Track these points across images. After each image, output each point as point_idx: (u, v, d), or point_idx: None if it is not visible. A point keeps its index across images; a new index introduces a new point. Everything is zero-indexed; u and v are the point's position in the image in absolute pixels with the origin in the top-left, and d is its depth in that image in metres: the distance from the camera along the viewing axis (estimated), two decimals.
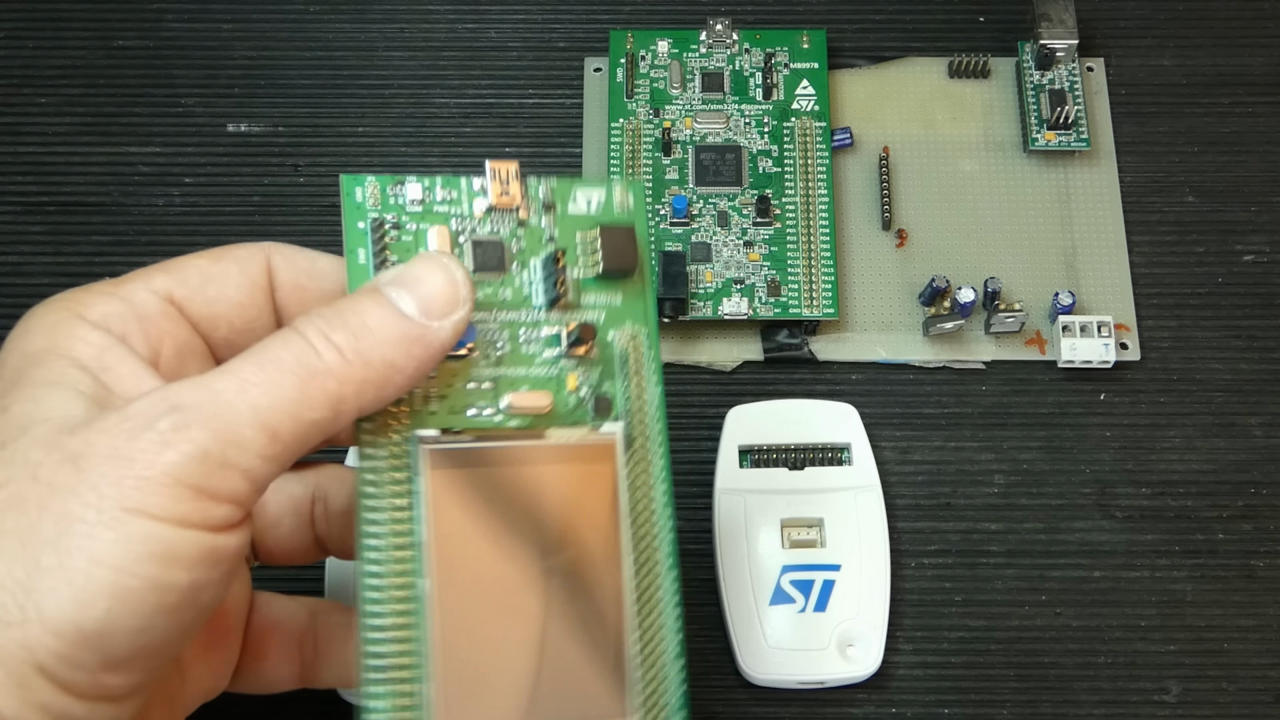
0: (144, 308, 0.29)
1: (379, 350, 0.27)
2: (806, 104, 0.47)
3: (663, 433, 0.31)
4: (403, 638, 0.28)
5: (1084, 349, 0.44)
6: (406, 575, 0.29)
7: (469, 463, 0.29)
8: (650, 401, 0.31)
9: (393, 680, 0.28)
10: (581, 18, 0.50)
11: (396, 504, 0.29)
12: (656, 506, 0.31)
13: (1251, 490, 0.43)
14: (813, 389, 0.44)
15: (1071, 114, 0.46)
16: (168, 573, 0.25)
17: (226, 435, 0.25)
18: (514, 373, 0.30)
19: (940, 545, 0.43)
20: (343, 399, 0.27)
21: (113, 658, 0.25)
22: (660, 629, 0.30)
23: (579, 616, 0.29)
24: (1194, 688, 0.41)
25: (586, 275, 0.31)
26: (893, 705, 0.41)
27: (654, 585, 0.30)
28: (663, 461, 0.31)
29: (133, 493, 0.24)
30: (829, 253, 0.44)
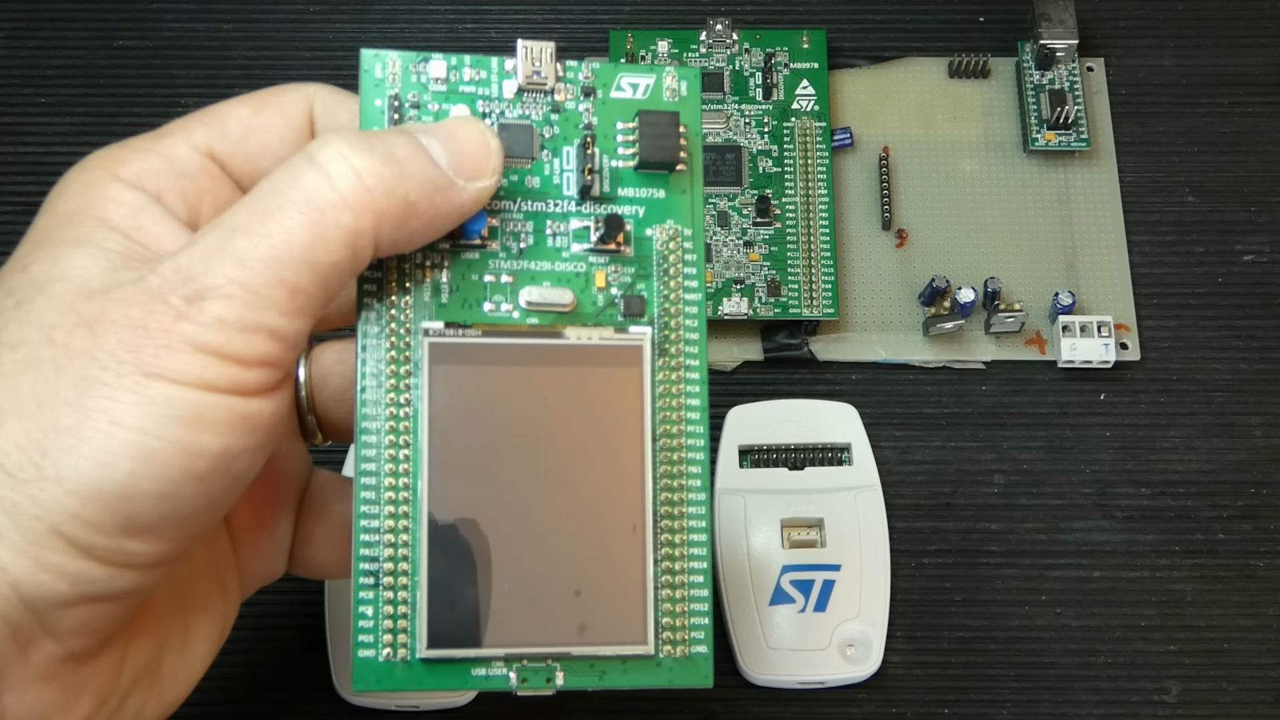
0: (183, 164, 0.27)
1: (401, 184, 0.25)
2: (806, 104, 0.47)
3: (701, 342, 0.28)
4: (394, 541, 0.27)
5: (1084, 349, 0.44)
6: (404, 476, 0.27)
7: (475, 359, 0.28)
8: (688, 306, 0.29)
9: (384, 586, 0.27)
10: (581, 18, 0.50)
11: (396, 400, 0.27)
12: (688, 422, 0.28)
13: (1251, 490, 0.43)
14: (813, 389, 0.44)
15: (1071, 114, 0.46)
16: (195, 437, 0.24)
17: (242, 299, 0.24)
18: (537, 267, 0.28)
19: (940, 545, 0.43)
20: (359, 233, 0.25)
21: (135, 522, 0.24)
22: (684, 555, 0.28)
23: (593, 534, 0.28)
24: (1194, 688, 0.41)
25: (626, 166, 0.29)
26: (893, 705, 0.41)
27: (680, 508, 0.28)
28: (699, 375, 0.28)
29: (151, 359, 0.24)
30: (829, 253, 0.44)
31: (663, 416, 0.28)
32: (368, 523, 0.27)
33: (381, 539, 0.27)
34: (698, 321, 0.29)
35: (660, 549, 0.28)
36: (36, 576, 0.24)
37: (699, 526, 0.28)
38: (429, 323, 0.28)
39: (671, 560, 0.28)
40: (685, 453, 0.28)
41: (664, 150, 0.28)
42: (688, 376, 0.28)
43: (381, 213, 0.25)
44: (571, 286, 0.28)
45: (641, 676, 0.28)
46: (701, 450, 0.28)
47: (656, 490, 0.28)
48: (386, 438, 0.27)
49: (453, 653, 0.27)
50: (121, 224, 0.26)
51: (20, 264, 0.26)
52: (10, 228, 0.46)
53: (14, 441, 0.23)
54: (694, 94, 0.29)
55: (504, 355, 0.28)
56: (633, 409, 0.28)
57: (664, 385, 0.28)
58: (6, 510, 0.23)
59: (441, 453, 0.27)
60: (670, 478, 0.28)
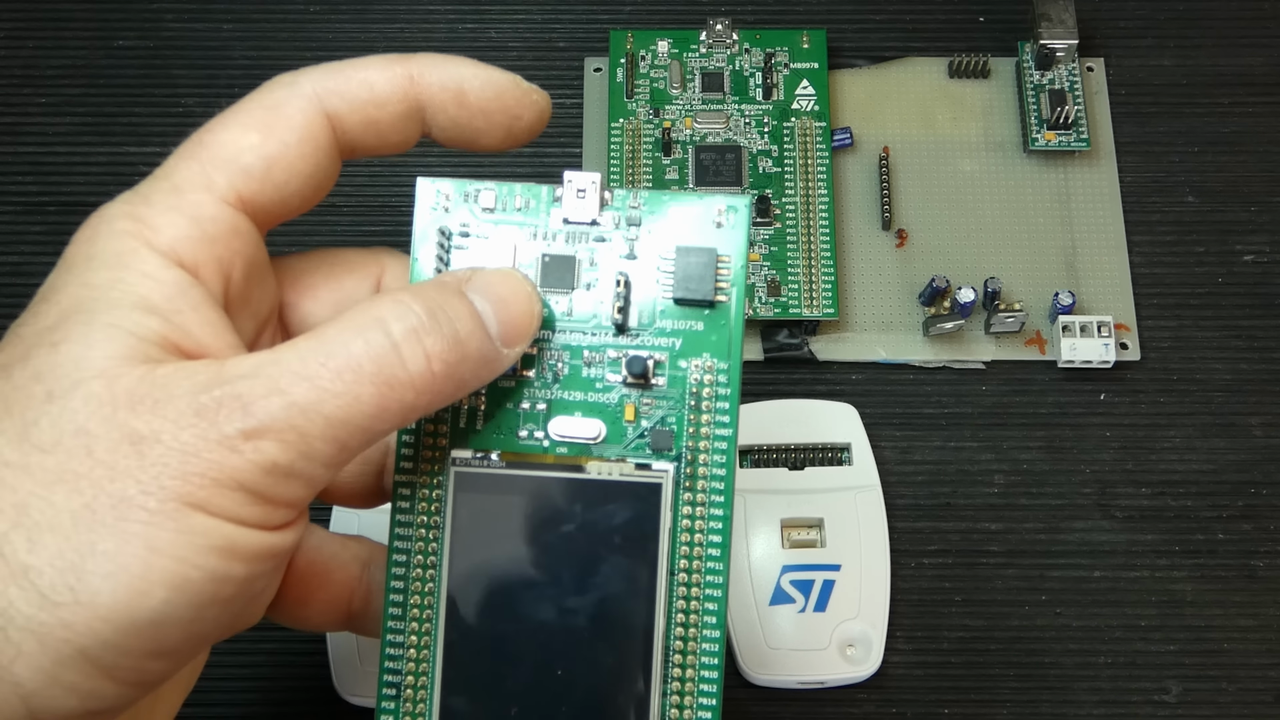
0: (214, 225, 0.27)
1: (461, 367, 0.26)
2: (806, 104, 0.47)
3: (728, 479, 0.28)
4: (416, 657, 0.28)
5: (1084, 349, 0.44)
6: (428, 596, 0.28)
7: (499, 489, 0.28)
8: (716, 443, 0.29)
9: (406, 698, 0.28)
10: (581, 18, 0.50)
11: (426, 521, 0.29)
12: (708, 558, 0.28)
13: (1251, 490, 0.43)
14: (813, 389, 0.44)
15: (1071, 114, 0.46)
16: (227, 566, 0.24)
17: (297, 447, 0.24)
18: (571, 396, 0.29)
19: (940, 545, 0.43)
20: (414, 410, 0.25)
21: (162, 647, 0.24)
22: (693, 689, 0.28)
23: (602, 665, 0.28)
24: (1194, 688, 0.41)
25: (666, 298, 0.29)
26: (893, 705, 0.41)
27: (693, 641, 0.28)
28: (722, 512, 0.28)
29: (197, 490, 0.23)
30: (829, 253, 0.44)
31: (682, 552, 0.28)
32: (394, 638, 0.29)
33: (405, 654, 0.28)
34: (726, 458, 0.28)
35: (670, 683, 0.28)
36: (51, 693, 0.23)
37: (711, 664, 0.28)
38: (459, 452, 0.28)
39: (680, 695, 0.28)
40: (703, 589, 0.28)
41: (699, 289, 0.28)
42: (711, 513, 0.28)
43: (436, 394, 0.25)
44: (603, 417, 0.29)
45: None
46: (720, 587, 0.28)
47: (670, 625, 0.28)
48: (416, 558, 0.29)
49: None
50: (160, 306, 0.25)
51: (48, 338, 0.25)
52: (10, 228, 0.47)
53: (48, 560, 0.23)
54: (742, 222, 0.29)
55: (526, 486, 0.28)
56: (650, 543, 0.28)
57: (686, 520, 0.28)
58: (34, 630, 0.23)
59: (461, 577, 0.28)
60: (685, 613, 0.28)
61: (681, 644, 0.28)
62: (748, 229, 0.29)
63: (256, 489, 0.24)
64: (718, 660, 0.28)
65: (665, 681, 0.28)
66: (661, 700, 0.28)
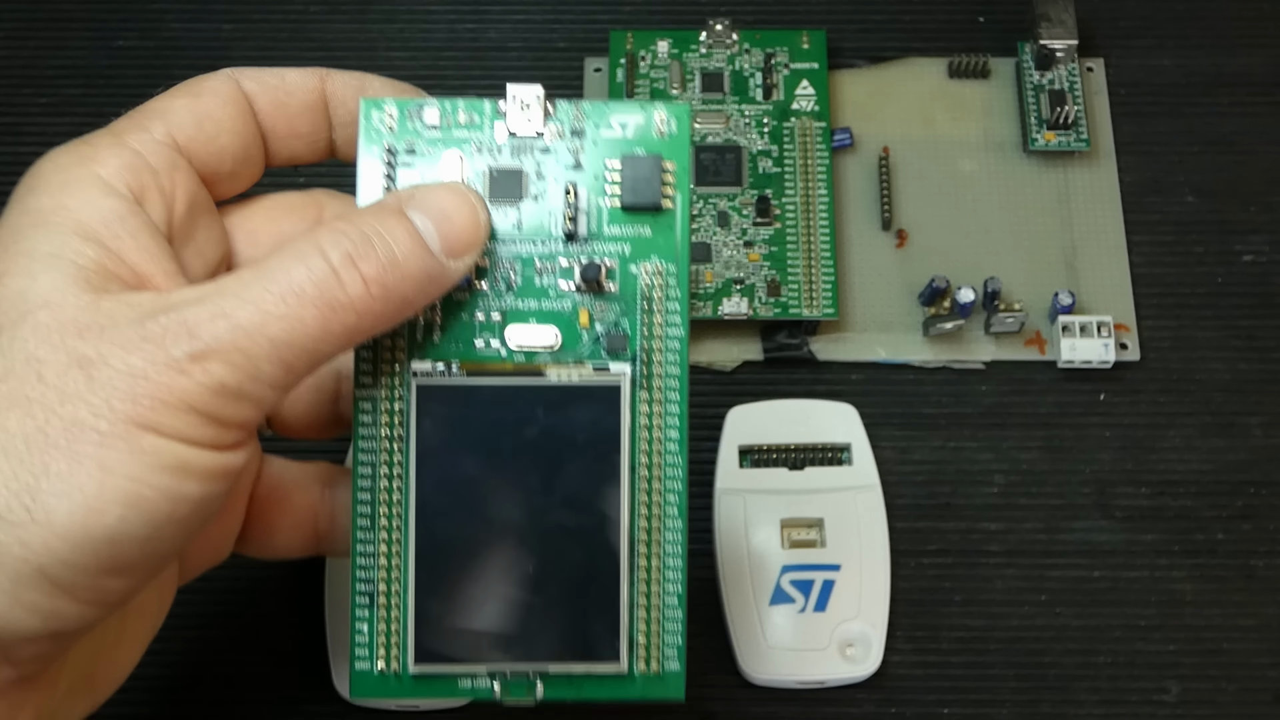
0: (154, 159, 0.28)
1: (401, 287, 0.27)
2: (806, 104, 0.47)
3: (682, 377, 0.30)
4: (388, 565, 0.29)
5: (1084, 349, 0.44)
6: (396, 506, 0.29)
7: (461, 398, 0.29)
8: (669, 343, 0.30)
9: (380, 605, 0.29)
10: (581, 18, 0.50)
11: (388, 435, 0.29)
12: (665, 453, 0.30)
13: (1251, 490, 0.43)
14: (813, 389, 0.44)
15: (1071, 114, 0.46)
16: (180, 484, 0.25)
17: (244, 369, 0.25)
18: (525, 305, 0.30)
19: (940, 545, 0.43)
20: (358, 331, 0.26)
21: (119, 564, 0.25)
22: (660, 576, 0.30)
23: (574, 557, 0.30)
24: (1194, 688, 0.41)
25: (613, 206, 0.30)
26: (893, 705, 0.41)
27: (656, 535, 0.30)
28: (679, 409, 0.30)
29: (147, 412, 0.24)
30: (829, 253, 0.44)
31: (642, 449, 0.30)
32: (364, 548, 0.30)
33: (376, 564, 0.30)
34: (679, 357, 0.30)
35: (636, 573, 0.30)
36: (12, 613, 0.24)
37: (674, 552, 0.30)
38: (418, 364, 0.29)
39: (648, 584, 0.30)
40: (664, 483, 0.30)
41: (646, 194, 0.30)
42: (668, 410, 0.30)
43: (381, 314, 0.26)
44: (558, 324, 0.30)
45: (616, 689, 0.30)
46: (679, 480, 0.30)
47: (634, 518, 0.30)
48: (381, 469, 0.30)
49: (439, 668, 0.30)
50: (99, 233, 0.26)
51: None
52: None
53: (3, 483, 0.24)
54: (683, 131, 0.30)
55: (488, 394, 0.30)
56: (612, 441, 0.30)
57: (645, 419, 0.30)
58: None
59: (428, 485, 0.29)
60: (648, 506, 0.30)
61: (646, 535, 0.30)
62: (689, 136, 0.30)
63: (205, 409, 0.25)
64: (680, 549, 0.30)
65: (633, 571, 0.30)
66: (630, 589, 0.30)
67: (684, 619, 0.30)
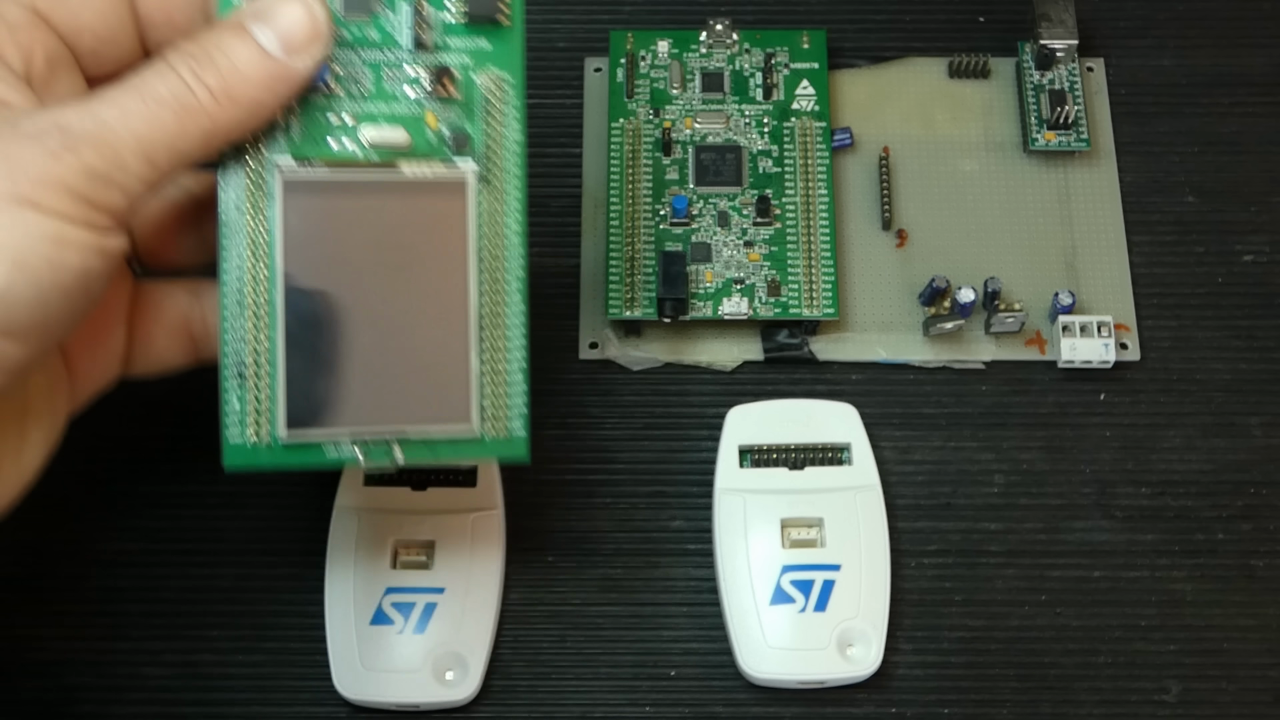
0: (12, 17, 0.31)
1: (247, 91, 0.30)
2: (806, 104, 0.47)
3: (520, 174, 0.34)
4: (256, 342, 0.33)
5: (1084, 349, 0.44)
6: (262, 285, 0.33)
7: (322, 190, 0.33)
8: (508, 143, 0.34)
9: (250, 377, 0.33)
10: (581, 18, 0.50)
11: (254, 225, 0.33)
12: (507, 241, 0.34)
13: (1251, 490, 0.43)
14: (813, 389, 0.44)
15: (1071, 114, 0.46)
16: (61, 254, 0.28)
17: (111, 158, 0.29)
18: (375, 109, 0.33)
19: (940, 545, 0.43)
20: (214, 134, 0.30)
21: (9, 326, 0.28)
22: (504, 350, 0.34)
23: (428, 333, 0.33)
24: (1194, 688, 0.41)
25: (457, 19, 0.33)
26: (893, 705, 0.41)
27: (500, 310, 0.34)
28: (518, 203, 0.34)
29: (26, 189, 0.28)
30: (829, 253, 0.44)
31: (487, 237, 0.34)
32: (232, 326, 0.33)
33: (245, 341, 0.33)
34: (519, 160, 0.34)
35: (484, 347, 0.34)
36: None
37: (517, 332, 0.34)
38: (281, 158, 0.33)
39: (494, 358, 0.34)
40: (506, 266, 0.34)
41: (486, 7, 0.33)
42: (509, 205, 0.34)
43: (233, 118, 0.30)
44: (407, 126, 0.33)
45: (468, 451, 0.34)
46: (520, 267, 0.34)
47: (481, 298, 0.34)
48: (246, 253, 0.33)
49: (307, 433, 0.33)
50: None
51: None
52: None
53: None
54: None
55: (347, 187, 0.33)
56: (459, 229, 0.33)
57: (488, 210, 0.34)
58: None
59: (294, 268, 0.33)
60: (493, 286, 0.34)
61: (492, 314, 0.34)
62: None
63: (78, 190, 0.28)
64: (522, 328, 0.34)
65: (480, 344, 0.34)
66: (478, 362, 0.34)
67: (526, 390, 0.34)
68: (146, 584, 0.42)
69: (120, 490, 0.43)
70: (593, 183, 0.47)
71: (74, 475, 0.43)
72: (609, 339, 0.45)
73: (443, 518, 0.41)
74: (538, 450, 0.43)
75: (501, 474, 0.42)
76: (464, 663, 0.40)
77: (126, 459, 0.43)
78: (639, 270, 0.44)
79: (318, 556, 0.41)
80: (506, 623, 0.41)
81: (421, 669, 0.40)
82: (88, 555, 0.42)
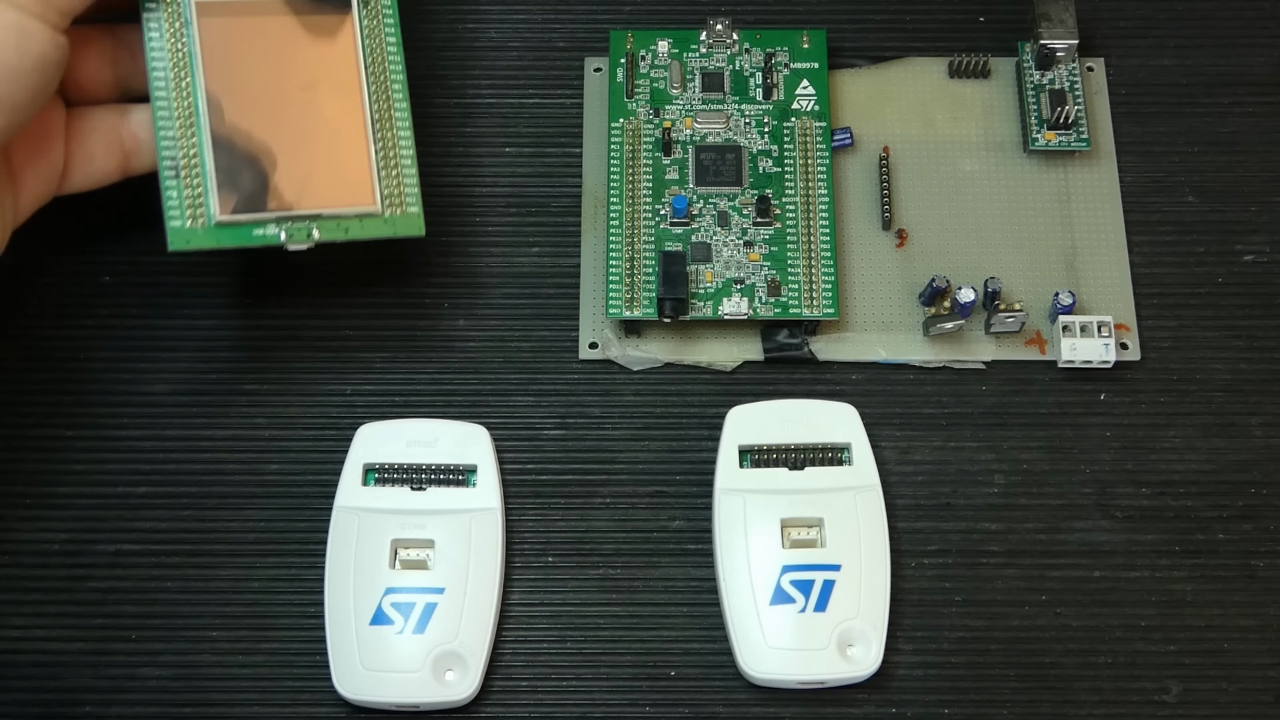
0: None
1: None
2: (806, 104, 0.46)
3: (395, 12, 0.41)
4: (186, 143, 0.39)
5: (1084, 349, 0.44)
6: (187, 96, 0.39)
7: (231, 12, 0.40)
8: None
9: (182, 175, 0.39)
10: (581, 18, 0.50)
11: (174, 46, 0.40)
12: (389, 54, 0.41)
13: (1251, 490, 0.43)
14: (813, 389, 0.44)
15: (1071, 114, 0.46)
16: (24, 42, 0.36)
17: None
18: None
19: (940, 545, 0.43)
20: None
21: None
22: (395, 144, 0.41)
23: (332, 132, 0.40)
24: (1194, 688, 0.41)
25: None
26: (893, 705, 0.41)
27: (388, 110, 0.41)
28: (392, 21, 0.41)
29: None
30: (829, 253, 0.44)
31: (370, 50, 0.41)
32: (165, 132, 0.39)
33: (177, 143, 0.39)
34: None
35: (377, 143, 0.40)
36: None
37: (404, 124, 0.41)
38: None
39: (387, 150, 0.41)
40: (391, 73, 0.41)
41: None
42: (385, 21, 0.41)
43: None
44: None
45: (373, 229, 0.40)
46: (400, 72, 0.41)
47: (371, 101, 0.41)
48: (172, 71, 0.39)
49: (237, 217, 0.39)
50: None
51: None
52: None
53: None
54: None
55: (251, 8, 0.40)
56: (348, 45, 0.41)
57: (368, 28, 0.41)
58: None
59: (213, 79, 0.39)
60: (379, 90, 0.41)
61: (382, 116, 0.41)
62: None
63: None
64: (406, 122, 0.41)
65: (374, 139, 0.40)
66: (374, 152, 0.40)
67: (416, 176, 0.41)
68: (146, 584, 0.42)
69: (120, 490, 0.43)
70: (593, 183, 0.47)
71: (74, 475, 0.43)
72: (609, 339, 0.45)
73: (442, 518, 0.41)
74: (538, 450, 0.44)
75: (501, 474, 0.42)
76: (464, 663, 0.40)
77: (127, 459, 0.43)
78: (639, 270, 0.44)
79: (318, 556, 0.41)
80: (506, 623, 0.41)
81: (421, 669, 0.40)
82: (88, 555, 0.42)
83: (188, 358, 0.45)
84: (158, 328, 0.45)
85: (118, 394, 0.44)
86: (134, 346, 0.44)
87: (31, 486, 0.43)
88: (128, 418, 0.44)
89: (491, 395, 0.44)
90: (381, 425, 0.43)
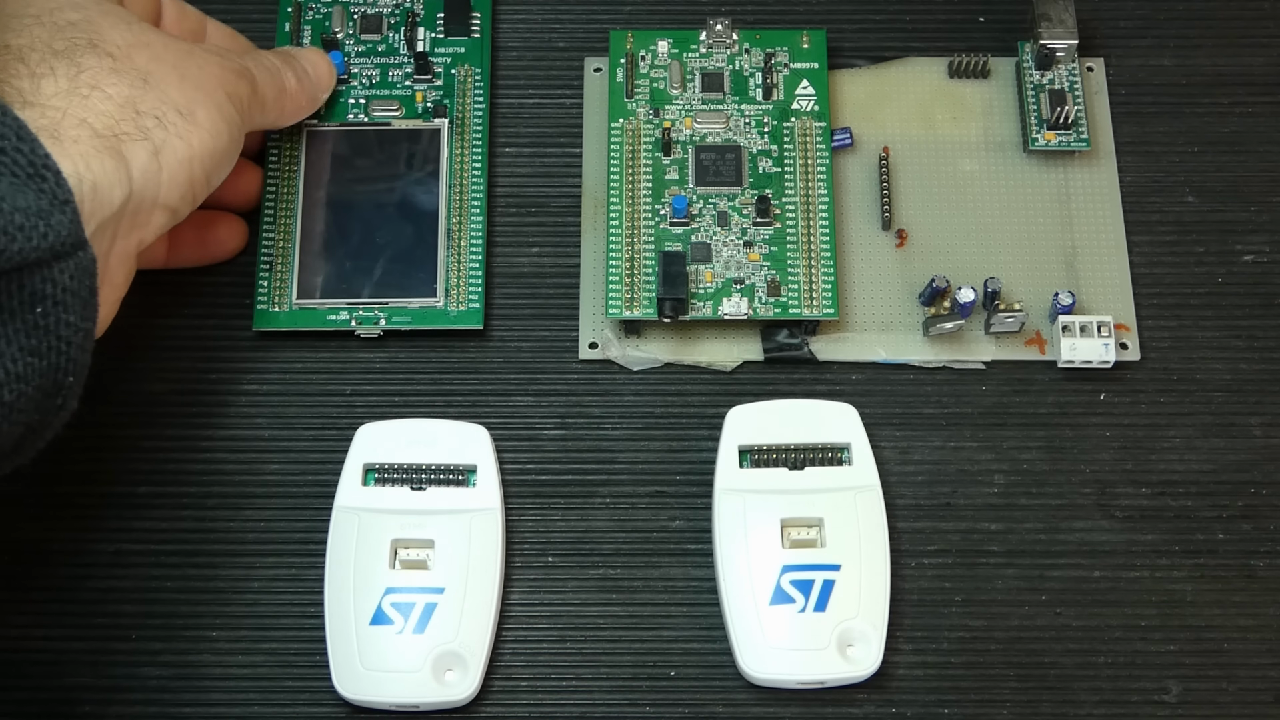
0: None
1: (315, 90, 0.45)
2: (806, 104, 0.46)
3: (484, 133, 0.47)
4: (281, 243, 0.45)
5: (1084, 349, 0.44)
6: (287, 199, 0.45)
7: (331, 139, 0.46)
8: (474, 111, 0.47)
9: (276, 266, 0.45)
10: (581, 18, 0.50)
11: (282, 169, 0.46)
12: (469, 173, 0.46)
13: (1251, 490, 0.43)
14: (813, 389, 0.44)
15: (1071, 114, 0.46)
16: (231, 128, 0.39)
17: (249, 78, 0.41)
18: (380, 91, 0.47)
19: (940, 545, 0.43)
20: (299, 111, 0.44)
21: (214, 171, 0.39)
22: (464, 248, 0.45)
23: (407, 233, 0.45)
24: (1194, 688, 0.41)
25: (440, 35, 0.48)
26: (893, 705, 0.41)
27: (465, 223, 0.46)
28: (481, 151, 0.47)
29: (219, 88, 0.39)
30: (829, 253, 0.44)
31: (456, 170, 0.46)
32: (268, 231, 0.45)
33: (275, 241, 0.45)
34: (483, 122, 0.47)
35: (450, 245, 0.45)
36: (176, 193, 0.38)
37: (477, 241, 0.45)
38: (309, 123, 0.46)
39: (458, 253, 0.45)
40: (469, 190, 0.46)
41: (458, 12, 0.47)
42: (472, 149, 0.46)
43: (297, 109, 0.45)
44: (402, 102, 0.47)
45: (436, 319, 0.44)
46: (481, 190, 0.46)
47: (449, 210, 0.45)
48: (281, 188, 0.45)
49: (312, 303, 0.44)
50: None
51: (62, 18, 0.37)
52: None
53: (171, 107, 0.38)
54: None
55: (355, 134, 0.46)
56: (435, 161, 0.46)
57: (458, 153, 0.46)
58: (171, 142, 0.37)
59: (311, 189, 0.45)
60: (460, 204, 0.46)
61: (458, 225, 0.45)
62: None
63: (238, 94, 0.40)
64: (481, 234, 0.45)
65: (448, 249, 0.45)
66: (445, 254, 0.45)
67: (483, 276, 0.45)
68: (146, 584, 0.42)
69: (120, 490, 0.43)
70: (593, 183, 0.47)
71: (74, 475, 0.43)
72: (609, 339, 0.45)
73: (442, 518, 0.41)
74: (538, 450, 0.44)
75: (501, 474, 0.42)
76: (464, 663, 0.40)
77: (127, 459, 0.43)
78: (639, 270, 0.44)
79: (318, 556, 0.41)
80: (506, 623, 0.41)
81: (421, 669, 0.40)
82: (88, 555, 0.42)
83: (188, 358, 0.45)
84: (158, 328, 0.45)
85: (118, 394, 0.44)
86: (134, 346, 0.44)
87: (32, 486, 0.43)
88: (128, 418, 0.44)
89: (491, 395, 0.44)
90: (381, 425, 0.43)
